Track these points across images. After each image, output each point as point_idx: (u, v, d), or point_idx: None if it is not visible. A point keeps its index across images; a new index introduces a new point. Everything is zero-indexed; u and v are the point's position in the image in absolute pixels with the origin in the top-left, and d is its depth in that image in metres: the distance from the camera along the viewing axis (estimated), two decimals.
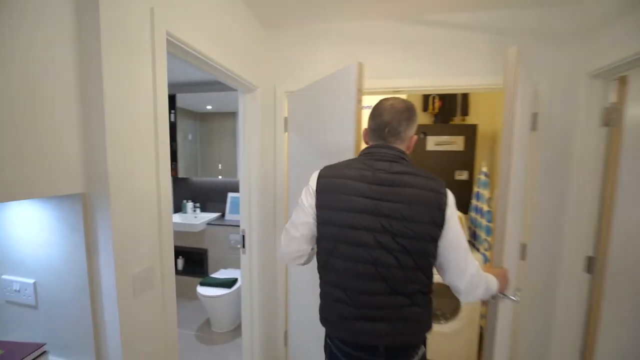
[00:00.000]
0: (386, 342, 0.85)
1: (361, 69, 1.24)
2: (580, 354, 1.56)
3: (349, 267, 0.85)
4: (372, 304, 0.84)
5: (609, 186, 1.44)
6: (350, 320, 0.85)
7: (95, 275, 0.84)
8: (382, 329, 0.84)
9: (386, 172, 0.86)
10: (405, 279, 0.83)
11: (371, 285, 0.84)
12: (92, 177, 0.81)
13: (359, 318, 0.85)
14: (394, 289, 0.83)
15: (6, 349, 0.80)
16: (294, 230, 0.92)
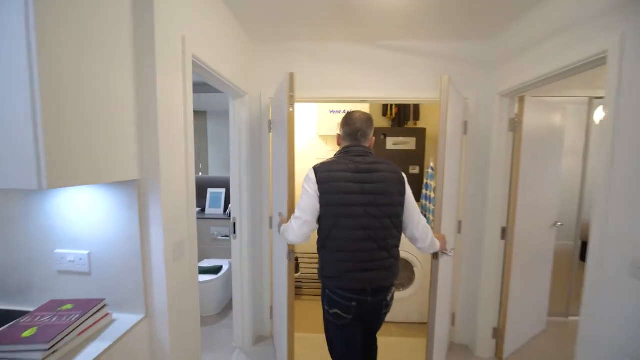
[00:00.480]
0: (373, 286, 1.22)
1: (292, 78, 1.52)
2: (499, 297, 2.10)
3: (347, 234, 1.20)
4: (364, 259, 1.20)
5: (514, 175, 1.99)
6: (348, 273, 1.20)
7: (146, 245, 1.07)
8: (371, 276, 1.21)
9: (363, 164, 1.25)
10: (386, 237, 1.22)
11: (363, 245, 1.20)
12: (145, 167, 1.04)
13: (355, 270, 1.20)
14: (379, 246, 1.21)
15: (75, 303, 0.99)
16: (305, 214, 1.20)
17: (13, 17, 0.66)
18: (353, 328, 1.28)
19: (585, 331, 1.26)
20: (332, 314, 1.27)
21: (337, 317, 1.25)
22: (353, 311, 1.23)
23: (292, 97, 1.53)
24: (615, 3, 1.15)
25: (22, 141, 0.68)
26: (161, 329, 1.11)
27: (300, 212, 1.22)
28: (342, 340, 1.30)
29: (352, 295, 1.22)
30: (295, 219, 1.22)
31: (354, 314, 1.23)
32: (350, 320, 1.25)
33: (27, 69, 0.67)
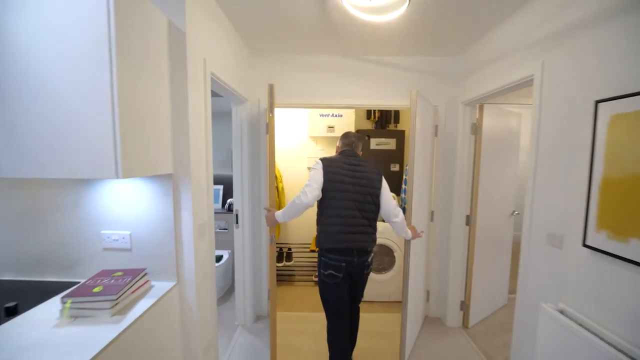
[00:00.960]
0: (357, 246, 1.58)
1: (272, 89, 1.81)
2: (465, 275, 2.47)
3: (342, 205, 1.58)
4: (352, 225, 1.58)
5: (476, 171, 2.36)
6: (340, 234, 1.57)
7: (178, 226, 1.34)
8: (355, 238, 1.58)
9: (354, 161, 1.65)
10: (367, 209, 1.61)
11: (351, 212, 1.58)
12: (178, 163, 1.32)
13: (346, 233, 1.57)
14: (362, 215, 1.59)
15: (123, 271, 1.25)
16: (316, 184, 1.57)
17: (104, 55, 0.93)
18: (342, 286, 1.65)
19: (522, 278, 1.61)
20: (327, 275, 1.62)
21: (331, 276, 1.61)
22: (343, 270, 1.60)
23: (272, 105, 1.83)
24: (539, 37, 1.51)
25: (107, 145, 0.95)
26: (189, 292, 1.39)
27: (311, 183, 1.59)
28: (334, 297, 1.67)
29: (342, 257, 1.59)
30: (308, 186, 1.58)
31: (344, 272, 1.60)
32: (341, 279, 1.60)
33: (109, 95, 0.94)
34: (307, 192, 1.55)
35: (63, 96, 0.93)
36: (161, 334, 1.25)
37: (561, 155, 1.36)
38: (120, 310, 1.11)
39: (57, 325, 1.02)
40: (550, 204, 1.43)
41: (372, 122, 3.38)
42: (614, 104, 1.09)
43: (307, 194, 1.55)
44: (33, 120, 0.94)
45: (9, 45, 0.92)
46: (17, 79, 0.93)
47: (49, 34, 0.92)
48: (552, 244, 1.40)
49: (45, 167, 0.96)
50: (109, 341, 0.93)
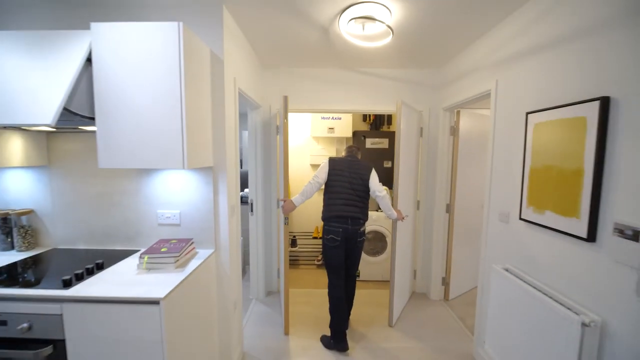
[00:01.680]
0: (351, 215, 2.07)
1: (286, 100, 2.22)
2: (446, 255, 2.90)
3: (341, 190, 2.08)
4: (348, 200, 2.07)
5: (454, 167, 2.78)
6: (339, 206, 2.06)
7: (216, 206, 1.76)
8: (350, 210, 2.07)
9: (352, 160, 2.14)
10: (360, 190, 2.10)
11: (348, 192, 2.08)
12: (217, 159, 1.73)
13: (342, 205, 2.06)
14: (357, 195, 2.09)
15: (177, 240, 1.66)
16: (322, 174, 2.14)
17: (175, 81, 1.34)
18: (340, 249, 2.13)
19: (483, 249, 2.04)
20: (328, 239, 2.11)
21: (332, 240, 2.09)
22: (341, 234, 2.07)
23: (286, 112, 2.24)
24: (494, 61, 1.93)
25: (177, 144, 1.36)
26: (224, 258, 1.80)
27: (319, 174, 2.16)
28: (334, 256, 2.13)
29: (340, 224, 2.08)
30: (316, 176, 2.16)
31: (341, 236, 2.08)
32: (339, 242, 2.08)
33: (179, 108, 1.35)
34: (319, 175, 2.17)
35: (149, 112, 1.35)
36: (206, 288, 1.67)
37: (507, 152, 1.79)
38: (180, 264, 1.53)
39: (138, 274, 1.43)
40: (501, 189, 1.85)
41: (367, 124, 3.81)
42: (536, 115, 1.51)
43: (319, 176, 2.16)
44: (126, 128, 1.35)
45: (110, 77, 1.33)
46: (115, 101, 1.34)
47: (137, 69, 1.33)
48: (502, 220, 1.82)
49: (131, 160, 1.37)
50: (179, 281, 1.35)
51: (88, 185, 1.76)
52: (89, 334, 1.23)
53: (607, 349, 1.15)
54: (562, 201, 1.34)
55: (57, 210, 1.78)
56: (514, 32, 1.73)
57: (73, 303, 1.23)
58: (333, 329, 2.15)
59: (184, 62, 1.34)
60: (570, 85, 1.34)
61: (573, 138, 1.29)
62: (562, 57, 1.39)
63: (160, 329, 1.21)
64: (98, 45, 1.33)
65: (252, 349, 2.17)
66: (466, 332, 2.41)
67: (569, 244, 1.33)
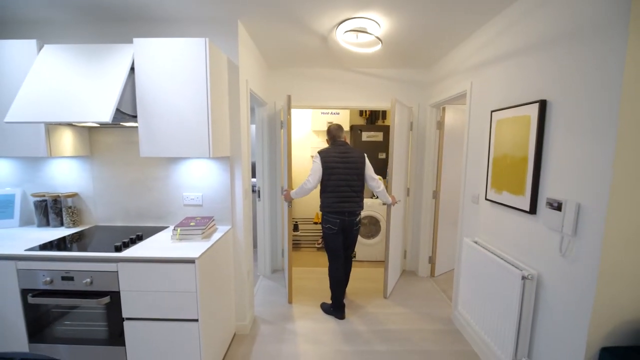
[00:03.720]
0: (347, 210, 2.34)
1: (289, 99, 2.54)
2: (432, 236, 3.25)
3: (335, 183, 2.31)
4: (344, 197, 2.32)
5: (440, 158, 3.11)
6: (336, 204, 2.32)
7: (232, 189, 2.09)
8: (346, 206, 2.34)
9: (343, 149, 2.36)
10: (355, 184, 2.35)
11: (343, 189, 2.32)
12: (234, 149, 2.06)
13: (339, 202, 2.32)
14: (351, 189, 2.34)
15: (201, 217, 2.00)
16: (316, 174, 2.29)
17: (202, 86, 1.66)
18: (338, 236, 2.41)
19: (459, 227, 2.38)
20: (327, 227, 2.38)
21: (330, 229, 2.37)
22: (338, 225, 2.35)
23: (289, 109, 2.55)
24: (469, 65, 2.24)
25: (204, 137, 1.69)
26: (239, 233, 2.14)
27: (314, 172, 2.32)
28: (333, 243, 2.43)
29: (338, 216, 2.34)
30: (312, 175, 2.32)
31: (338, 227, 2.35)
32: (336, 231, 2.37)
33: (205, 107, 1.67)
34: (311, 180, 2.30)
35: (181, 110, 1.67)
36: (225, 256, 2.01)
37: (478, 143, 2.11)
38: (206, 236, 1.86)
39: (173, 242, 1.77)
40: (473, 175, 2.18)
41: (364, 119, 4.12)
42: (498, 113, 1.83)
43: (311, 182, 2.30)
44: (161, 124, 1.67)
45: (149, 83, 1.65)
46: (153, 102, 1.66)
47: (171, 76, 1.65)
48: (473, 201, 2.16)
49: (167, 150, 1.70)
50: (207, 247, 1.69)
51: (123, 173, 2.09)
52: (138, 287, 1.57)
53: (542, 296, 1.50)
54: (514, 183, 1.68)
55: (97, 193, 2.12)
56: (485, 42, 2.04)
57: (126, 263, 1.57)
58: (334, 303, 2.49)
59: (209, 69, 1.65)
60: (521, 90, 1.66)
61: (521, 132, 1.62)
62: (518, 65, 1.70)
63: (195, 282, 1.56)
64: (139, 56, 1.64)
65: (261, 314, 2.53)
66: (447, 301, 2.77)
67: (517, 217, 1.67)
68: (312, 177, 2.27)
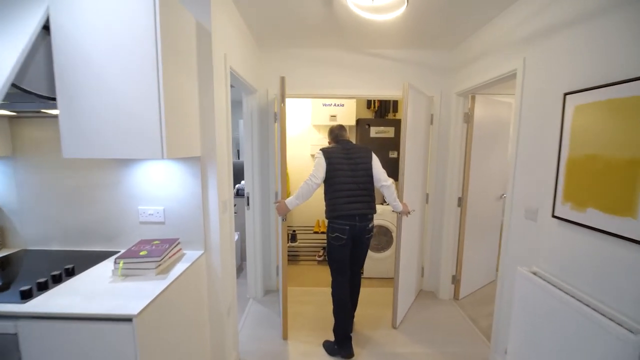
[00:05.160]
0: (359, 212, 1.87)
1: (283, 81, 1.99)
2: (456, 252, 2.71)
3: (343, 184, 1.87)
4: (351, 195, 1.87)
5: (467, 157, 2.57)
6: (344, 205, 1.85)
7: (205, 202, 1.55)
8: (356, 206, 1.87)
9: (349, 147, 1.92)
10: (364, 182, 1.91)
11: (351, 187, 1.88)
12: (206, 148, 1.51)
13: (347, 202, 1.86)
14: (360, 188, 1.89)
15: (160, 240, 1.46)
16: (320, 168, 1.88)
17: (151, 54, 1.11)
18: (346, 248, 1.93)
19: (504, 249, 1.84)
20: (334, 237, 1.90)
21: (337, 239, 1.89)
22: (347, 233, 1.87)
23: (283, 96, 2.00)
24: (521, 37, 1.70)
25: (153, 129, 1.14)
26: (215, 260, 1.60)
27: (317, 167, 1.91)
28: (339, 256, 1.94)
29: (346, 222, 1.87)
30: (316, 170, 1.90)
31: (348, 235, 1.87)
32: (345, 241, 1.88)
33: (156, 86, 1.12)
34: (316, 174, 1.90)
35: (121, 90, 1.12)
36: (194, 294, 1.47)
37: (536, 140, 1.57)
38: (162, 270, 1.32)
39: (113, 282, 1.23)
40: (527, 183, 1.64)
41: (372, 112, 3.57)
42: (577, 96, 1.29)
43: (316, 176, 1.89)
44: (92, 110, 1.13)
45: (73, 50, 1.10)
46: (79, 78, 1.11)
47: (105, 39, 1.10)
48: (529, 217, 1.62)
49: (101, 149, 1.16)
50: (159, 292, 1.15)
51: (58, 178, 1.54)
52: (50, 358, 1.03)
53: None
54: (611, 197, 1.13)
55: (24, 206, 1.57)
56: (546, 2, 1.49)
57: (30, 320, 1.03)
58: (337, 334, 1.97)
59: (160, 30, 1.10)
60: (624, 60, 1.11)
61: (627, 121, 1.07)
62: (610, 27, 1.15)
63: (134, 351, 1.02)
64: (57, 10, 1.09)
65: (248, 355, 2.00)
66: (479, 335, 2.24)
67: (620, 248, 1.13)
68: (317, 171, 1.90)
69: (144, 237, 1.56)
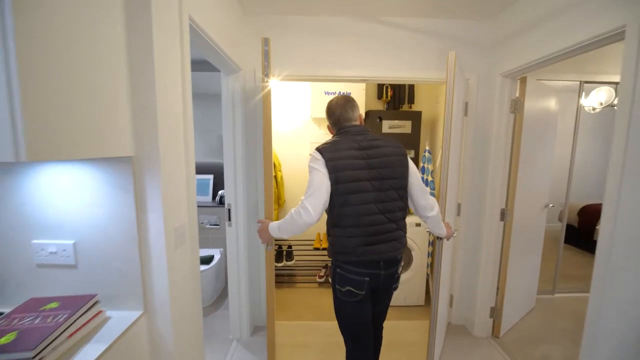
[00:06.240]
0: (385, 257, 1.21)
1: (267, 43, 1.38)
2: (497, 277, 2.13)
3: (358, 210, 1.17)
4: (375, 232, 1.19)
5: (514, 157, 1.99)
6: (361, 247, 1.17)
7: (144, 231, 0.94)
8: (382, 248, 1.19)
9: (365, 141, 1.23)
10: (393, 209, 1.21)
11: (374, 219, 1.18)
12: (142, 143, 0.90)
13: (368, 244, 1.18)
14: (388, 219, 1.20)
15: (60, 301, 0.86)
16: (320, 194, 1.12)
17: None
18: (364, 305, 1.27)
19: (600, 285, 1.26)
20: (344, 292, 1.24)
21: (350, 294, 1.23)
22: (366, 286, 1.21)
23: (266, 67, 1.39)
24: None
25: None
26: (163, 325, 0.99)
27: (313, 191, 1.13)
28: (354, 318, 1.29)
29: (365, 270, 1.20)
30: (310, 197, 1.12)
31: (366, 289, 1.22)
32: (362, 297, 1.23)
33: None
34: (309, 206, 1.10)
35: None
36: None
37: None
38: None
39: None
40: None
41: (383, 102, 2.97)
42: None
43: (309, 210, 1.10)
44: None
45: None
46: None
47: None
48: None
49: None
50: None
51: None
52: None
53: None
54: None
55: None
56: None
57: None
58: None
59: None
60: None
61: None
62: None
63: None
64: None
65: None
66: None
67: None
68: (313, 201, 1.13)
69: (42, 290, 0.95)
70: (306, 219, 1.11)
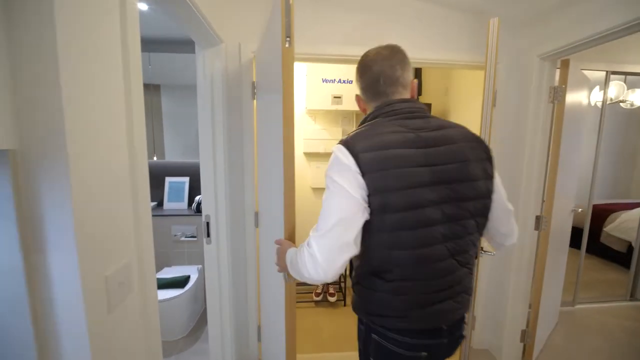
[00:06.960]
0: (452, 318, 0.78)
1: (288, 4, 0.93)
2: (529, 296, 1.82)
3: (414, 255, 0.71)
4: (441, 286, 0.75)
5: (553, 155, 1.68)
6: (416, 310, 0.74)
7: (41, 286, 0.52)
8: (449, 306, 0.76)
9: (428, 130, 0.73)
10: (467, 246, 0.78)
11: (442, 267, 0.74)
12: (33, 129, 0.48)
13: (428, 304, 0.75)
14: (460, 262, 0.77)
15: None
16: (347, 231, 0.65)
17: None
18: None
19: None
20: None
21: None
22: None
23: (289, 27, 0.96)
24: None
25: None
26: None
27: (329, 227, 0.66)
28: None
29: (421, 340, 0.77)
30: (319, 239, 0.66)
31: None
32: None
33: None
34: (318, 254, 0.65)
35: None
36: None
37: None
38: None
39: None
40: None
41: None
42: None
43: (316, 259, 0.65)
44: None
45: None
46: None
47: None
48: None
49: None
50: None
51: None
52: None
53: None
54: None
55: None
56: None
57: None
58: None
59: None
60: None
61: None
62: None
63: None
64: None
65: None
66: None
67: None
68: (326, 244, 0.65)
69: None
70: (312, 273, 0.67)
